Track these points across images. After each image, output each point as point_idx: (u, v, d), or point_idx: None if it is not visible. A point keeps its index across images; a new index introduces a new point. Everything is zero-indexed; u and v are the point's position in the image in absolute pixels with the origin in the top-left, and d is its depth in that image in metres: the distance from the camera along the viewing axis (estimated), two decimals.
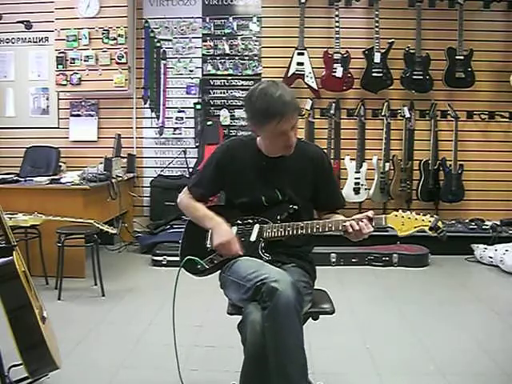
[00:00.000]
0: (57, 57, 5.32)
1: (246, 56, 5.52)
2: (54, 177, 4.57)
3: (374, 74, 5.18)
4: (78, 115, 5.60)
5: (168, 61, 5.59)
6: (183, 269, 2.10)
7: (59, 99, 5.62)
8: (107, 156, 4.89)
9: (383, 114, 5.27)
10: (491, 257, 4.75)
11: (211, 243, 2.09)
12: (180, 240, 2.22)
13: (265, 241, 2.06)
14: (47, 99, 5.64)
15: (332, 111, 5.28)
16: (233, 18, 5.49)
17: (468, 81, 5.17)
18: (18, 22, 5.53)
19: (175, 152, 5.62)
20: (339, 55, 5.19)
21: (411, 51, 5.17)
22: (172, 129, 5.62)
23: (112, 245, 5.26)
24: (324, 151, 2.24)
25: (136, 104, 5.61)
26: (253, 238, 2.06)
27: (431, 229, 1.88)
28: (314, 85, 5.25)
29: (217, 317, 2.80)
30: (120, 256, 5.10)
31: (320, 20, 5.36)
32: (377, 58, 5.15)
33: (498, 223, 5.18)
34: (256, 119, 1.99)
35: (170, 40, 5.56)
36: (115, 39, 5.27)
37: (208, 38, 5.52)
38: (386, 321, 3.41)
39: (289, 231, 2.02)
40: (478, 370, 2.67)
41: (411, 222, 1.92)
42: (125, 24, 5.27)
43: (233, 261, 2.05)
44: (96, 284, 3.93)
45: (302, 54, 5.21)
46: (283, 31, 5.39)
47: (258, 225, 2.08)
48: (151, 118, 5.65)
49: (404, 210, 1.98)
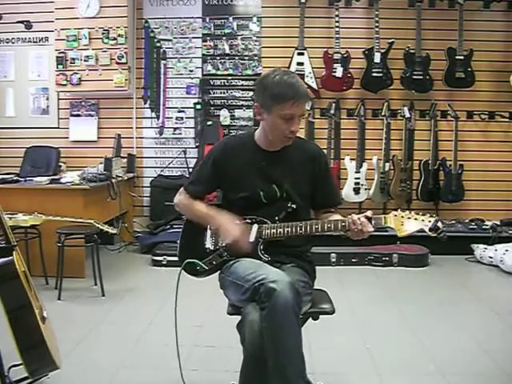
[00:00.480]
0: (57, 57, 5.32)
1: (246, 56, 5.52)
2: (54, 177, 4.57)
3: (374, 74, 5.18)
4: (78, 115, 5.60)
5: (168, 61, 5.59)
6: (183, 271, 2.10)
7: (59, 99, 5.62)
8: (107, 156, 4.89)
9: (383, 114, 5.27)
10: (491, 257, 4.75)
11: (218, 243, 2.10)
12: (178, 240, 2.21)
13: (264, 241, 2.06)
14: (47, 99, 5.64)
15: (332, 111, 5.28)
16: (233, 18, 5.49)
17: (468, 81, 5.17)
18: (18, 22, 5.52)
19: (175, 152, 5.62)
20: (339, 55, 5.19)
21: (411, 51, 5.17)
22: (172, 129, 5.62)
23: (112, 245, 5.25)
24: (322, 150, 2.25)
25: (136, 104, 5.61)
26: (252, 239, 2.05)
27: (431, 229, 1.89)
28: (314, 85, 5.25)
29: (217, 317, 2.80)
30: (120, 256, 5.10)
31: (320, 20, 5.36)
32: (377, 58, 5.15)
33: (498, 223, 5.18)
34: (269, 99, 1.98)
35: (170, 40, 5.56)
36: (115, 39, 5.27)
37: (208, 38, 5.51)
38: (386, 321, 3.42)
39: (288, 231, 2.02)
40: (478, 370, 2.67)
41: (411, 222, 1.92)
42: (125, 24, 5.27)
43: (232, 262, 2.05)
44: (96, 284, 3.93)
45: (302, 54, 5.21)
46: (283, 31, 5.39)
47: (257, 225, 2.07)
48: (151, 118, 5.64)
49: (403, 210, 1.97)
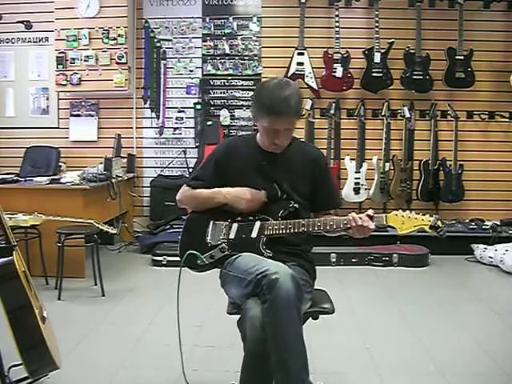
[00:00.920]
0: (57, 57, 5.32)
1: (246, 56, 5.52)
2: (54, 177, 4.57)
3: (374, 74, 5.18)
4: (78, 115, 5.60)
5: (168, 61, 5.59)
6: (183, 264, 2.09)
7: (59, 99, 5.62)
8: (107, 156, 4.89)
9: (383, 114, 5.27)
10: (491, 257, 4.74)
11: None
12: (179, 237, 2.21)
13: (266, 237, 2.07)
14: (47, 99, 5.64)
15: (332, 111, 5.28)
16: (233, 18, 5.49)
17: (468, 81, 5.17)
18: (18, 22, 5.52)
19: (175, 152, 5.62)
20: (339, 55, 5.19)
21: (411, 51, 5.17)
22: (172, 129, 5.62)
23: (112, 245, 5.25)
24: (322, 152, 2.28)
25: (136, 104, 5.61)
26: (254, 235, 2.07)
27: (431, 228, 1.92)
28: (314, 85, 5.25)
29: (217, 316, 2.80)
30: (120, 256, 5.10)
31: (320, 20, 5.36)
32: (377, 58, 5.15)
33: (498, 223, 5.18)
34: (258, 108, 2.07)
35: (170, 40, 5.56)
36: (115, 39, 5.27)
37: (208, 38, 5.51)
38: (386, 321, 3.42)
39: (290, 228, 2.03)
40: (478, 370, 2.67)
41: (411, 221, 1.96)
42: (125, 24, 5.27)
43: (233, 257, 2.06)
44: (96, 284, 3.93)
45: (302, 54, 5.21)
46: (283, 31, 5.39)
47: (259, 222, 2.09)
48: (151, 118, 5.64)
49: (404, 210, 2.01)
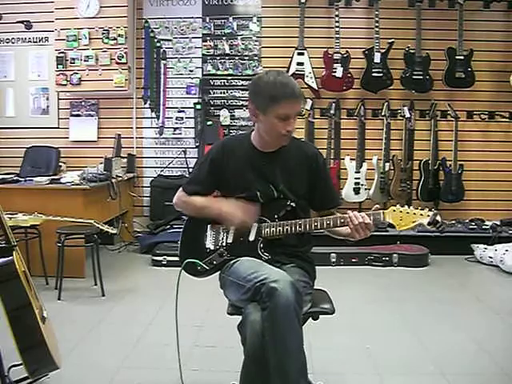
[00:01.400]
0: (57, 57, 5.32)
1: (246, 56, 5.52)
2: (54, 177, 4.57)
3: (374, 74, 5.18)
4: (78, 115, 5.60)
5: (168, 61, 5.58)
6: (183, 271, 2.09)
7: (59, 99, 5.62)
8: (107, 156, 4.89)
9: (383, 114, 5.27)
10: (491, 257, 4.74)
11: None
12: (179, 241, 2.21)
13: (264, 240, 2.06)
14: (47, 99, 5.64)
15: (332, 111, 5.28)
16: (233, 18, 5.49)
17: (468, 81, 5.17)
18: (18, 22, 5.52)
19: (175, 152, 5.62)
20: (339, 55, 5.18)
21: (411, 51, 5.16)
22: (172, 129, 5.61)
23: (112, 245, 5.25)
24: (319, 150, 2.24)
25: (136, 104, 5.61)
26: (251, 238, 2.05)
27: (430, 223, 1.89)
28: (314, 85, 5.25)
29: (217, 317, 2.80)
30: (120, 256, 5.10)
31: (320, 20, 5.35)
32: (377, 58, 5.15)
33: (498, 223, 5.18)
34: (264, 99, 1.98)
35: (170, 40, 5.56)
36: (115, 39, 5.26)
37: (208, 38, 5.51)
38: (386, 321, 3.42)
39: (287, 229, 2.02)
40: (478, 370, 2.68)
41: (409, 217, 1.92)
42: (125, 24, 5.27)
43: (232, 261, 2.05)
44: (96, 284, 3.93)
45: (302, 54, 5.21)
46: (283, 31, 5.38)
47: (256, 223, 2.07)
48: (151, 118, 5.64)
49: (402, 205, 1.96)
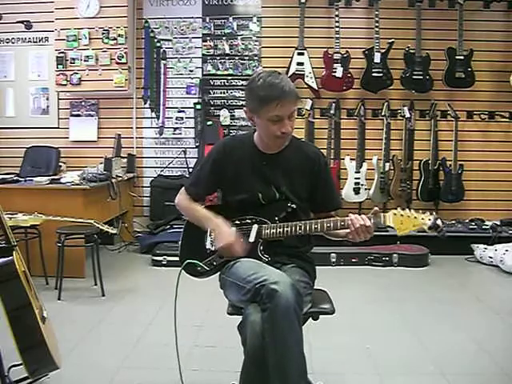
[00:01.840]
0: (57, 57, 5.32)
1: (246, 56, 5.52)
2: (54, 177, 4.57)
3: (374, 74, 5.18)
4: (78, 115, 5.60)
5: (168, 61, 5.59)
6: (183, 271, 2.09)
7: (59, 99, 5.62)
8: (107, 156, 4.89)
9: (383, 114, 5.27)
10: (491, 257, 4.74)
11: (213, 246, 2.09)
12: (179, 241, 2.21)
13: (264, 241, 2.05)
14: (47, 99, 5.64)
15: (332, 111, 5.28)
16: (233, 18, 5.49)
17: (468, 81, 5.17)
18: (18, 22, 5.52)
19: (175, 152, 5.62)
20: (339, 55, 5.19)
21: (411, 51, 5.17)
22: (172, 129, 5.61)
23: (112, 245, 5.25)
24: (321, 152, 2.22)
25: (136, 104, 5.61)
26: (251, 239, 2.04)
27: (430, 228, 1.87)
28: (314, 85, 5.25)
29: (217, 317, 2.80)
30: (120, 256, 5.10)
31: (320, 20, 5.36)
32: (377, 58, 5.15)
33: (498, 223, 5.18)
34: (257, 101, 1.97)
35: (170, 40, 5.56)
36: (115, 39, 5.27)
37: (208, 38, 5.51)
38: (386, 321, 3.42)
39: (287, 231, 2.01)
40: (478, 370, 2.68)
41: (410, 221, 1.90)
42: (125, 24, 5.27)
43: (232, 262, 2.04)
44: (96, 284, 3.93)
45: (302, 54, 5.21)
46: (283, 31, 5.39)
47: (257, 225, 2.07)
48: (151, 118, 5.64)
49: (403, 208, 1.95)
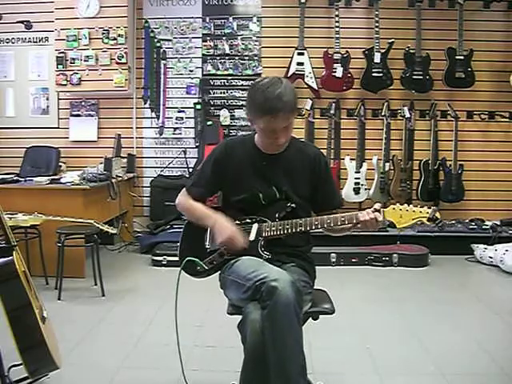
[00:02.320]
0: (57, 57, 5.32)
1: (246, 56, 5.52)
2: (54, 177, 4.57)
3: (374, 74, 5.18)
4: (78, 115, 5.60)
5: (168, 61, 5.58)
6: (183, 272, 2.09)
7: (59, 99, 5.62)
8: (107, 156, 4.89)
9: (383, 114, 5.27)
10: (491, 257, 4.74)
11: (213, 243, 2.10)
12: (179, 242, 2.21)
13: (264, 240, 2.06)
14: (47, 99, 5.64)
15: (332, 111, 5.28)
16: (233, 18, 5.49)
17: (468, 81, 5.17)
18: (18, 22, 5.52)
19: (175, 152, 5.62)
20: (339, 55, 5.19)
21: (411, 51, 5.17)
22: (172, 129, 5.61)
23: (112, 245, 5.25)
24: (322, 152, 2.24)
25: (136, 104, 5.60)
26: (252, 238, 2.05)
27: (429, 220, 1.93)
28: (314, 85, 5.25)
29: (217, 317, 2.80)
30: (120, 256, 5.10)
31: (320, 20, 5.36)
32: (377, 58, 5.15)
33: (498, 223, 5.18)
34: (252, 110, 2.01)
35: (170, 40, 5.56)
36: (115, 39, 5.26)
37: (208, 38, 5.51)
38: (386, 321, 3.42)
39: (288, 229, 2.03)
40: (478, 370, 2.68)
41: (409, 214, 1.96)
42: (125, 24, 5.27)
43: (232, 261, 2.05)
44: (96, 284, 3.92)
45: (302, 54, 5.21)
46: (283, 31, 5.39)
47: (257, 224, 2.08)
48: (151, 118, 5.64)
49: (402, 204, 2.00)
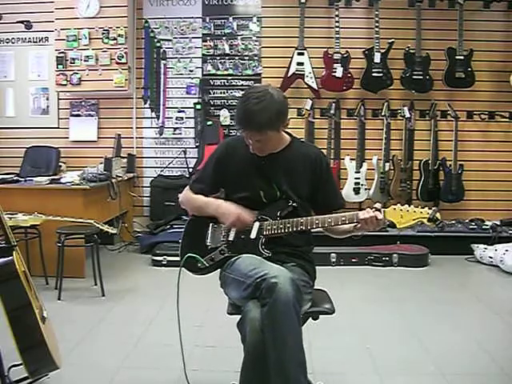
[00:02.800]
0: (57, 57, 5.32)
1: (246, 56, 5.51)
2: (54, 177, 4.57)
3: (374, 74, 5.18)
4: (78, 115, 5.60)
5: (168, 61, 5.59)
6: (183, 268, 2.10)
7: (59, 99, 5.62)
8: (107, 156, 4.89)
9: (383, 114, 5.27)
10: (491, 257, 4.74)
11: (214, 239, 2.11)
12: (180, 239, 2.22)
13: (265, 238, 2.07)
14: (47, 99, 5.64)
15: (332, 111, 5.28)
16: (233, 18, 5.49)
17: (468, 81, 5.18)
18: (18, 22, 5.52)
19: (175, 152, 5.62)
20: (339, 55, 5.19)
21: (411, 51, 5.17)
22: (172, 129, 5.61)
23: (112, 245, 5.25)
24: (322, 152, 2.26)
25: (136, 104, 5.60)
26: (253, 236, 2.06)
27: (430, 220, 1.93)
28: (314, 85, 5.25)
29: (217, 316, 2.80)
30: (120, 256, 5.10)
31: (320, 20, 5.36)
32: (377, 58, 5.15)
33: (498, 223, 5.18)
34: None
35: (170, 40, 5.56)
36: (115, 39, 5.26)
37: (208, 38, 5.51)
38: (386, 321, 3.42)
39: (288, 227, 2.04)
40: (478, 370, 2.68)
41: (410, 215, 1.97)
42: (125, 24, 5.27)
43: (233, 259, 2.06)
44: (96, 284, 3.92)
45: (302, 54, 5.21)
46: (283, 31, 5.38)
47: (258, 222, 2.09)
48: (151, 118, 5.64)
49: (402, 204, 2.01)
